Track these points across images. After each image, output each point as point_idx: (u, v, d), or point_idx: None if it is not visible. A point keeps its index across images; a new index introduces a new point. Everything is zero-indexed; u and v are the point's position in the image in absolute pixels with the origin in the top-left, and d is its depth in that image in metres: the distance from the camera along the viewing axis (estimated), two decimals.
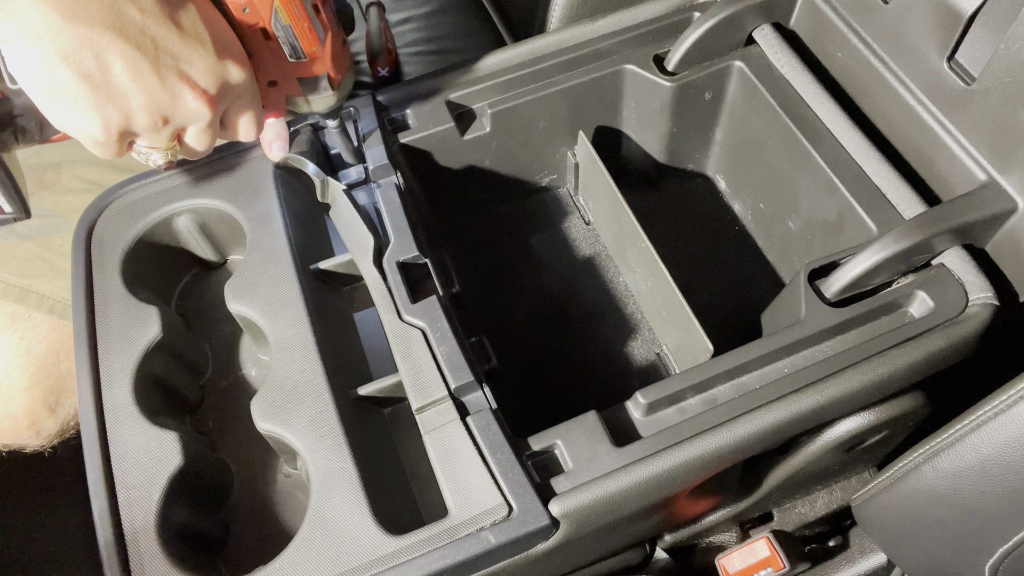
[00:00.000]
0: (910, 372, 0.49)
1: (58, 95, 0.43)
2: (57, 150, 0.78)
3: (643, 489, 0.47)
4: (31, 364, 0.70)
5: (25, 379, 0.70)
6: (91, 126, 0.45)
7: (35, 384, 0.70)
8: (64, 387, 0.72)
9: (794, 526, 0.71)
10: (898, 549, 0.61)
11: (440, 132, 0.64)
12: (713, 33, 0.62)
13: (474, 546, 0.45)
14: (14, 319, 0.70)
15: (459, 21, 1.10)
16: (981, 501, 0.49)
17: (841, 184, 0.56)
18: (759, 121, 0.63)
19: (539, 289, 0.70)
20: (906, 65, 0.55)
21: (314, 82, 0.53)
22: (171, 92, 0.45)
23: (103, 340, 0.55)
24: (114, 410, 0.52)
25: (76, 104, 0.43)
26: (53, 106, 0.44)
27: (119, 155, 0.48)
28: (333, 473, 0.48)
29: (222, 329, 0.62)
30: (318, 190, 0.60)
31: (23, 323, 0.71)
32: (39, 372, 0.71)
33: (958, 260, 0.51)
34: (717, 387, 0.49)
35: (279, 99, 0.54)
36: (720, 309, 0.66)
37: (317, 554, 0.46)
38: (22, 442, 0.73)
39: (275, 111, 0.55)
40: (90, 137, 0.46)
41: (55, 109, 0.44)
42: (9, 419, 0.71)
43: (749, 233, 0.71)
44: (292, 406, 0.51)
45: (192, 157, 0.52)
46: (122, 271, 0.58)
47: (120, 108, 0.44)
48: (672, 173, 0.73)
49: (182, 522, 0.50)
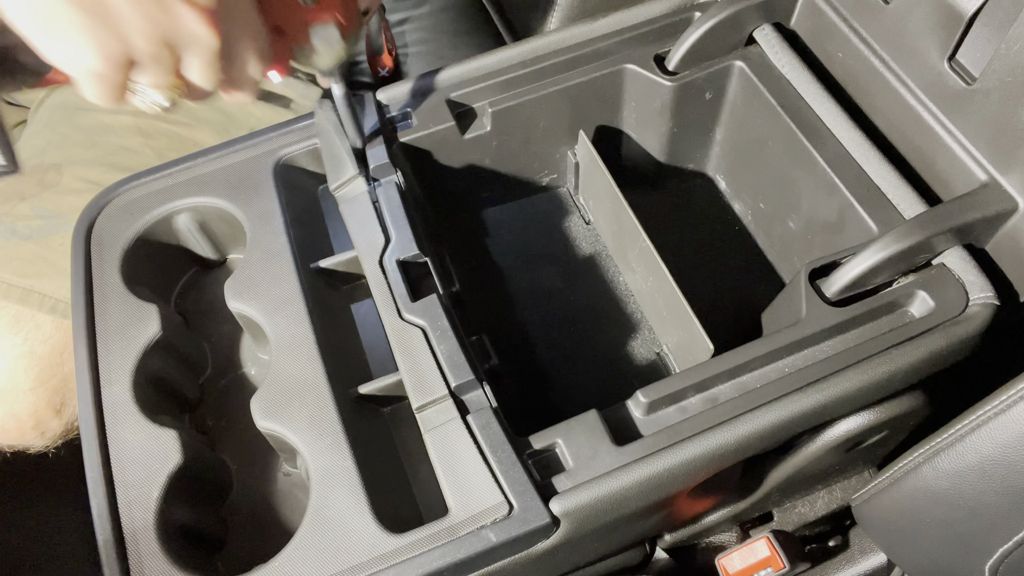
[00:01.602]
0: (910, 372, 0.49)
1: (51, 22, 0.41)
2: (58, 151, 0.78)
3: (644, 488, 0.47)
4: (35, 365, 0.70)
5: (30, 380, 0.70)
6: (87, 55, 0.42)
7: (40, 385, 0.70)
8: (68, 388, 0.72)
9: (794, 526, 0.71)
10: (898, 549, 0.61)
11: (440, 131, 0.64)
12: (714, 33, 0.62)
13: (474, 544, 0.45)
14: (17, 320, 0.70)
15: (459, 21, 1.10)
16: (981, 501, 0.49)
17: (842, 184, 0.56)
18: (759, 121, 0.63)
19: (539, 288, 0.70)
20: (907, 65, 0.55)
21: (323, 30, 0.51)
22: (172, 13, 0.43)
23: (102, 338, 0.55)
24: (113, 408, 0.52)
25: (70, 31, 0.41)
26: (46, 36, 0.41)
27: (120, 97, 0.46)
28: (333, 471, 0.48)
29: (222, 327, 0.62)
30: (337, 180, 0.59)
31: (26, 324, 0.70)
32: (43, 373, 0.70)
33: (959, 260, 0.51)
34: (717, 386, 0.49)
35: (285, 50, 0.52)
36: (720, 309, 0.66)
37: (317, 552, 0.46)
38: (27, 443, 0.73)
39: (280, 65, 0.53)
40: (87, 69, 0.43)
41: (48, 39, 0.42)
42: (14, 420, 0.71)
43: (749, 233, 0.71)
44: (292, 404, 0.51)
45: (196, 98, 0.49)
46: (122, 269, 0.58)
47: (118, 33, 0.42)
48: (672, 173, 0.73)
49: (181, 520, 0.50)
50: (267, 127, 0.63)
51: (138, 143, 0.79)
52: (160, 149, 0.79)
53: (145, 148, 0.79)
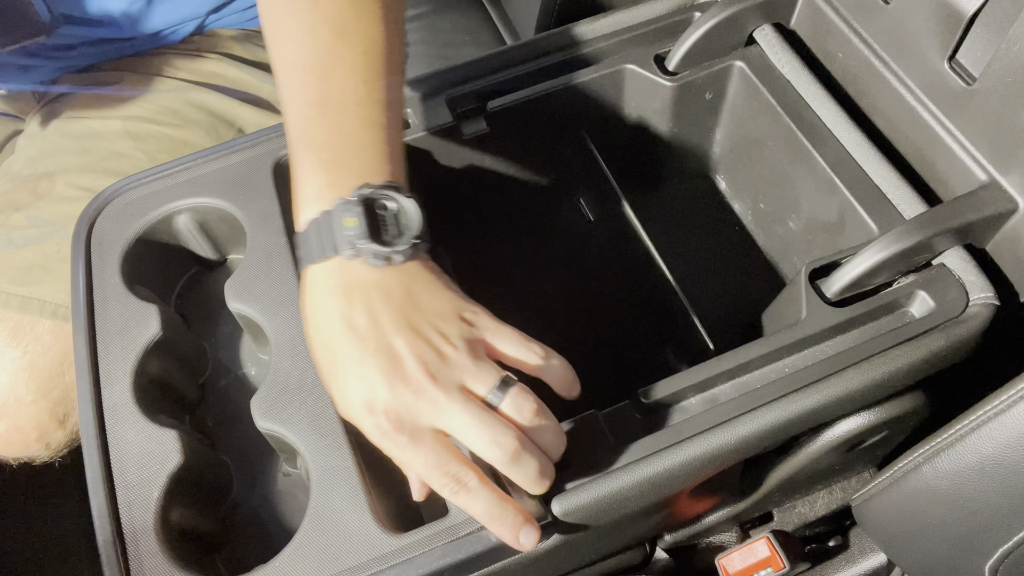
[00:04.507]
0: (910, 372, 0.49)
1: None
2: (50, 159, 0.78)
3: (644, 488, 0.47)
4: (36, 377, 0.70)
5: (31, 392, 0.70)
6: None
7: (41, 397, 0.70)
8: (70, 398, 0.71)
9: (794, 526, 0.71)
10: (898, 549, 0.61)
11: (440, 131, 0.64)
12: (714, 33, 0.62)
13: (474, 545, 0.45)
14: (16, 333, 0.70)
15: (459, 21, 1.11)
16: (981, 501, 0.49)
17: (842, 184, 0.56)
18: (760, 121, 0.63)
19: (539, 289, 0.70)
20: (907, 65, 0.55)
21: None
22: None
23: (102, 338, 0.55)
24: (113, 408, 0.52)
25: None
26: None
27: None
28: (333, 472, 0.48)
29: (222, 328, 0.62)
30: None
31: (25, 336, 0.70)
32: (44, 385, 0.70)
33: (959, 260, 0.51)
34: (717, 386, 0.49)
35: None
36: (720, 309, 0.66)
37: (317, 553, 0.46)
38: (32, 455, 0.73)
39: None
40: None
41: None
42: (18, 433, 0.70)
43: (749, 233, 0.71)
44: (292, 405, 0.51)
45: None
46: (122, 269, 0.58)
47: None
48: (672, 173, 0.73)
49: (181, 521, 0.50)
50: (267, 127, 0.63)
51: (128, 147, 0.79)
52: (151, 152, 0.79)
53: (136, 151, 0.79)
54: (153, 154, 0.79)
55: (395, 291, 0.44)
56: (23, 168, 0.79)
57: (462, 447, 0.43)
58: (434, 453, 0.42)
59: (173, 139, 0.81)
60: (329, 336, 0.44)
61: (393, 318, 0.43)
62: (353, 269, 0.44)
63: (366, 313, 0.43)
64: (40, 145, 0.80)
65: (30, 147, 0.81)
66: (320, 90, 0.47)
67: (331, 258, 0.44)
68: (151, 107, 0.82)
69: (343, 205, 0.45)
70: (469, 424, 0.42)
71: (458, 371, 0.43)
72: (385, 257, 0.44)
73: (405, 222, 0.46)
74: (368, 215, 0.44)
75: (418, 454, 0.42)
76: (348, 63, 0.47)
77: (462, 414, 0.42)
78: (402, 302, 0.44)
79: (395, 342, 0.43)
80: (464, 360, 0.43)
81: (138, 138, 0.80)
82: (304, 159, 0.47)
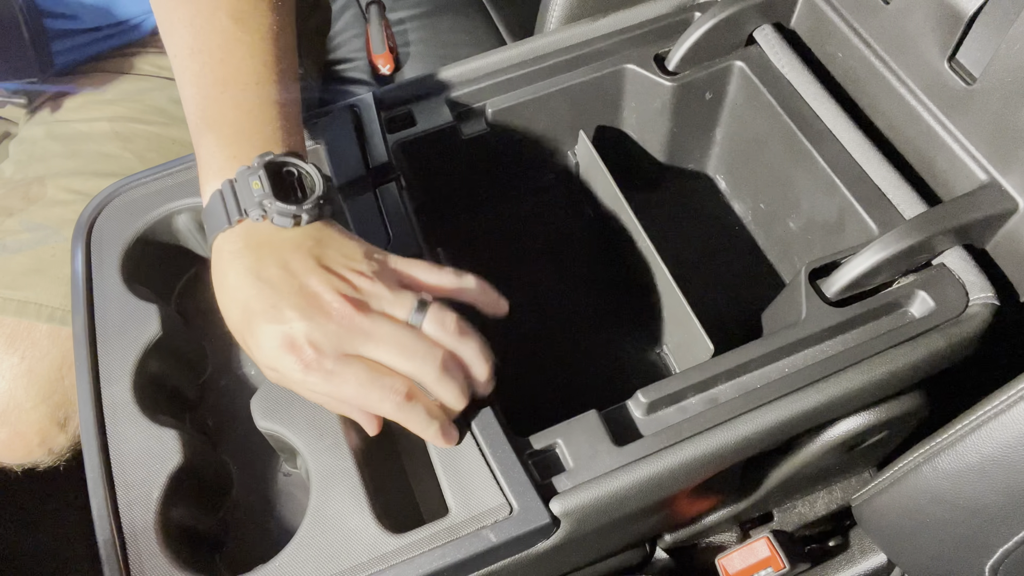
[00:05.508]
0: (911, 372, 0.49)
1: None
2: (40, 164, 0.78)
3: (644, 488, 0.47)
4: (35, 383, 0.69)
5: (31, 397, 0.69)
6: None
7: (41, 402, 0.70)
8: (71, 402, 0.71)
9: (794, 526, 0.71)
10: (898, 549, 0.61)
11: (440, 131, 0.64)
12: (714, 33, 0.62)
13: (475, 545, 0.45)
14: (13, 339, 0.70)
15: (459, 21, 1.11)
16: (981, 501, 0.49)
17: (842, 184, 0.56)
18: (760, 121, 0.63)
19: (539, 288, 0.70)
20: (907, 65, 0.55)
21: None
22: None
23: (102, 338, 0.55)
24: (113, 408, 0.52)
25: None
26: None
27: None
28: (333, 472, 0.48)
29: (222, 327, 0.62)
30: (338, 180, 0.59)
31: (22, 342, 0.70)
32: (44, 389, 0.70)
33: (959, 260, 0.51)
34: (718, 386, 0.49)
35: None
36: (720, 309, 0.66)
37: (317, 552, 0.46)
38: (35, 460, 0.72)
39: None
40: None
41: None
42: (19, 439, 0.70)
43: (749, 233, 0.71)
44: (292, 405, 0.51)
45: None
46: (121, 269, 0.58)
47: None
48: (672, 173, 0.73)
49: (182, 521, 0.50)
50: None
51: (117, 148, 0.79)
52: (140, 151, 0.79)
53: (124, 152, 0.79)
54: (142, 154, 0.79)
55: (304, 243, 0.45)
56: (14, 173, 0.79)
57: None
58: (364, 371, 0.43)
59: (161, 137, 0.81)
60: (240, 292, 0.45)
61: (305, 264, 0.44)
62: (261, 231, 0.45)
63: (276, 264, 0.44)
64: (29, 150, 0.80)
65: (19, 152, 0.81)
66: (221, 71, 0.49)
67: (239, 223, 0.46)
68: (137, 106, 0.82)
69: (246, 171, 0.46)
70: (395, 344, 0.43)
71: (375, 299, 0.44)
72: (292, 215, 0.45)
73: (310, 184, 0.47)
74: (272, 179, 0.46)
75: (348, 376, 0.43)
76: (246, 46, 0.49)
77: (388, 336, 0.43)
78: (312, 250, 0.45)
79: (309, 281, 0.44)
80: (380, 289, 0.45)
81: (126, 139, 0.80)
82: (207, 137, 0.48)
